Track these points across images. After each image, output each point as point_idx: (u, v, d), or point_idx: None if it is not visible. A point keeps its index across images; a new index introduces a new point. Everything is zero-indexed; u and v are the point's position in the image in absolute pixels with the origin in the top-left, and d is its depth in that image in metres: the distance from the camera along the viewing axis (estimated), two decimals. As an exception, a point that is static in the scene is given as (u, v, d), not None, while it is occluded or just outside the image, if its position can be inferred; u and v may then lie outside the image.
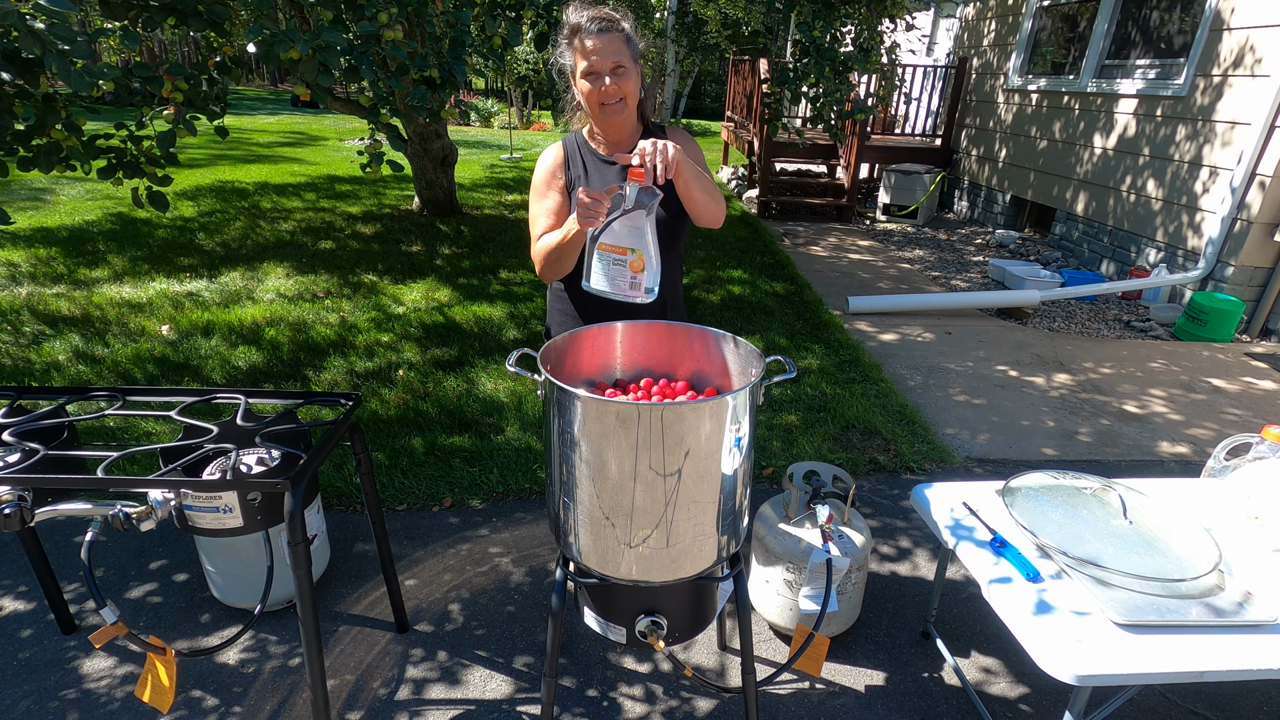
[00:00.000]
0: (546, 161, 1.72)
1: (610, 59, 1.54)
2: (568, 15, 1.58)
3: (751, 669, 1.57)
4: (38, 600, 2.10)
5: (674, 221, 1.68)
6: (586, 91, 1.58)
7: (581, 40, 1.55)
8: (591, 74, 1.56)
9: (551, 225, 1.66)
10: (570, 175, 1.70)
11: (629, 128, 1.69)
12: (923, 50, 9.84)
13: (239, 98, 22.43)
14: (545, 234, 1.66)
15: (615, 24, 1.56)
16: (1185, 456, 3.13)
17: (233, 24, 4.65)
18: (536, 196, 1.72)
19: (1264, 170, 4.40)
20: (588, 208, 1.40)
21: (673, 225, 1.68)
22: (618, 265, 1.46)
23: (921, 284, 5.57)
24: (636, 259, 1.44)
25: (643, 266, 1.44)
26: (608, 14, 1.56)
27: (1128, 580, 1.44)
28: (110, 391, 1.74)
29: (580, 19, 1.55)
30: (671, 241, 1.69)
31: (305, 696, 1.81)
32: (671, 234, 1.68)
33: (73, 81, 2.13)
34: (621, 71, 1.56)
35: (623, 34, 1.57)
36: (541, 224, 1.68)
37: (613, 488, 1.22)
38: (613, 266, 1.46)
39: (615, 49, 1.55)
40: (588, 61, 1.55)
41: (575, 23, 1.55)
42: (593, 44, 1.53)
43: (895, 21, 5.43)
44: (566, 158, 1.72)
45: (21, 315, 4.09)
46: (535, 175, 1.73)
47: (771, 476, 2.85)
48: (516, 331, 4.19)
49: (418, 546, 2.40)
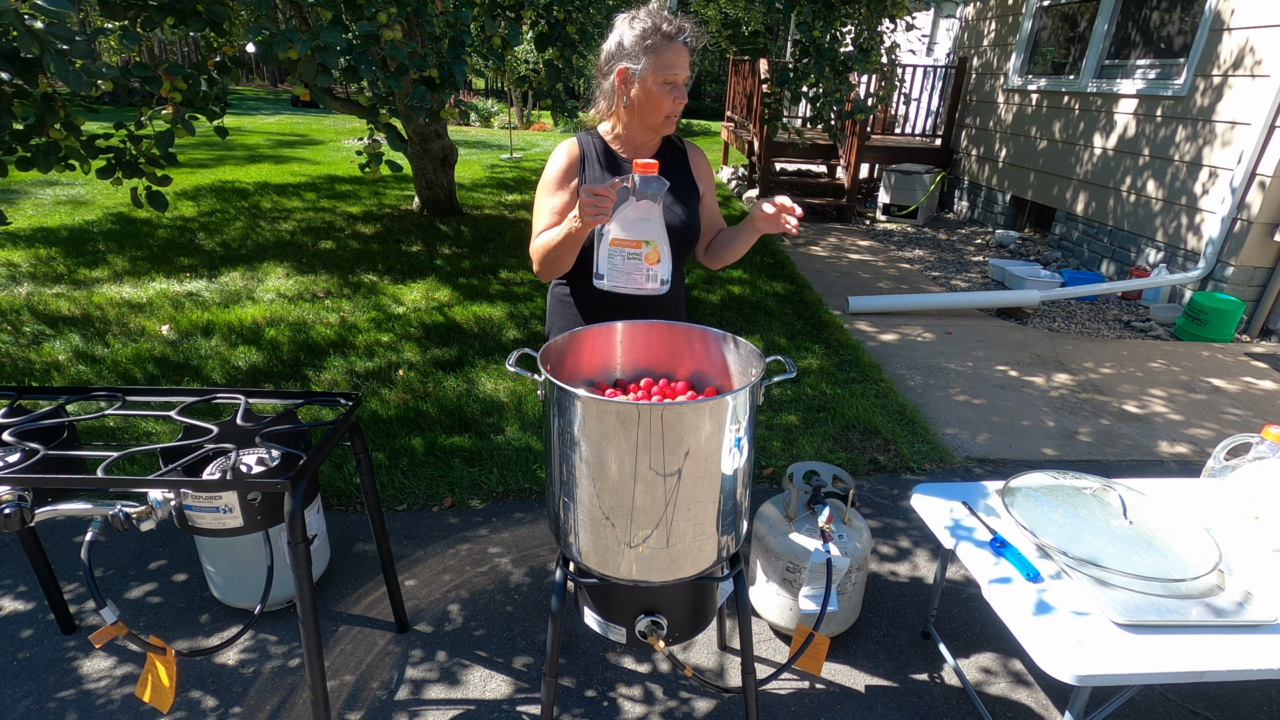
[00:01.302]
0: (560, 159, 1.67)
1: (688, 73, 1.58)
2: (653, 17, 1.56)
3: (751, 669, 1.57)
4: (38, 600, 2.10)
5: (689, 224, 1.68)
6: (657, 99, 1.57)
7: (671, 49, 1.54)
8: (670, 85, 1.56)
9: (554, 224, 1.64)
10: (585, 176, 1.66)
11: (659, 136, 1.72)
12: (923, 50, 9.84)
13: (239, 98, 22.43)
14: (546, 230, 1.63)
15: (698, 40, 1.60)
16: (1185, 456, 3.13)
17: (232, 24, 4.65)
18: (544, 193, 1.68)
19: (1264, 170, 4.40)
20: (594, 204, 1.37)
21: (687, 229, 1.67)
22: (632, 259, 1.45)
23: (921, 284, 5.57)
24: (652, 251, 1.44)
25: (658, 258, 1.45)
26: (697, 30, 1.59)
27: (1128, 580, 1.44)
28: (110, 391, 1.74)
29: (672, 28, 1.54)
30: (681, 249, 1.68)
31: (305, 696, 1.81)
32: (683, 242, 1.67)
33: (71, 81, 2.13)
34: (685, 88, 1.61)
35: (694, 52, 1.61)
36: (544, 221, 1.65)
37: (613, 488, 1.22)
38: (627, 261, 1.46)
39: (691, 63, 1.59)
40: (671, 71, 1.55)
41: (665, 29, 1.54)
42: (680, 57, 1.55)
43: (895, 21, 5.43)
44: (583, 157, 1.67)
45: (21, 315, 4.09)
46: (547, 170, 1.69)
47: (771, 476, 2.85)
48: (516, 331, 4.19)
49: (418, 546, 2.40)
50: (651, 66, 1.54)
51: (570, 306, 1.76)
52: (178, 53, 22.76)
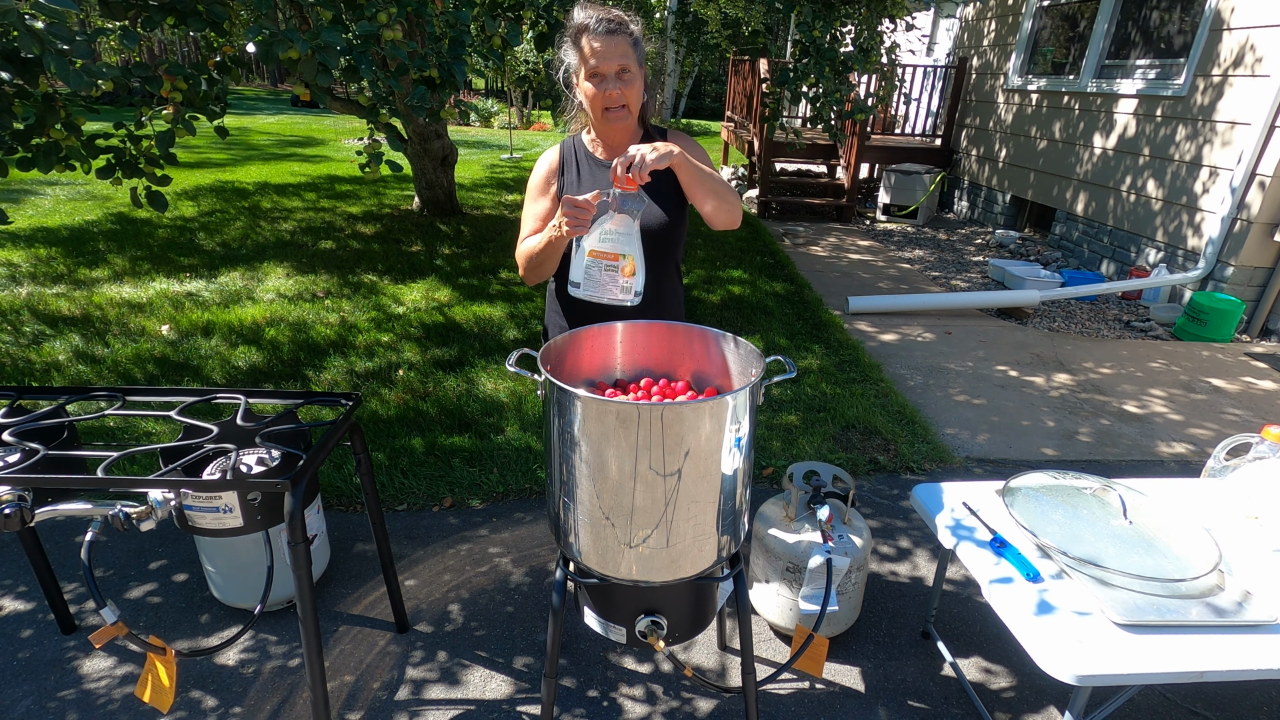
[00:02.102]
0: (542, 166, 1.71)
1: (616, 62, 1.51)
2: (574, 14, 1.54)
3: (751, 669, 1.57)
4: (38, 600, 2.10)
5: (672, 228, 1.66)
6: (590, 94, 1.55)
7: (588, 41, 1.50)
8: (595, 76, 1.52)
9: (538, 230, 1.66)
10: (564, 180, 1.69)
11: (630, 132, 1.67)
12: (923, 50, 9.84)
13: (239, 98, 22.44)
14: (530, 236, 1.66)
15: (623, 26, 1.52)
16: (1185, 456, 3.13)
17: (232, 24, 4.65)
18: (529, 199, 1.72)
19: (1264, 170, 4.40)
20: (574, 215, 1.40)
21: (670, 231, 1.66)
22: (609, 271, 1.47)
23: (921, 284, 5.57)
24: (628, 264, 1.45)
25: (634, 271, 1.45)
26: (616, 15, 1.51)
27: (1128, 580, 1.44)
28: (110, 391, 1.74)
29: (587, 19, 1.50)
30: (669, 247, 1.68)
31: (305, 696, 1.81)
32: (669, 240, 1.66)
33: (72, 81, 2.13)
34: (627, 76, 1.53)
35: (630, 37, 1.53)
36: (529, 227, 1.69)
37: (613, 488, 1.22)
38: (604, 272, 1.48)
39: (621, 52, 1.51)
40: (592, 63, 1.51)
41: (582, 22, 1.51)
42: (599, 45, 1.49)
43: (895, 21, 5.43)
44: (562, 162, 1.70)
45: (21, 315, 4.09)
46: (530, 178, 1.72)
47: (771, 476, 2.84)
48: (516, 331, 4.19)
49: (418, 546, 2.40)
50: (579, 62, 1.54)
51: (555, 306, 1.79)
52: (178, 53, 22.77)
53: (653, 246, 1.64)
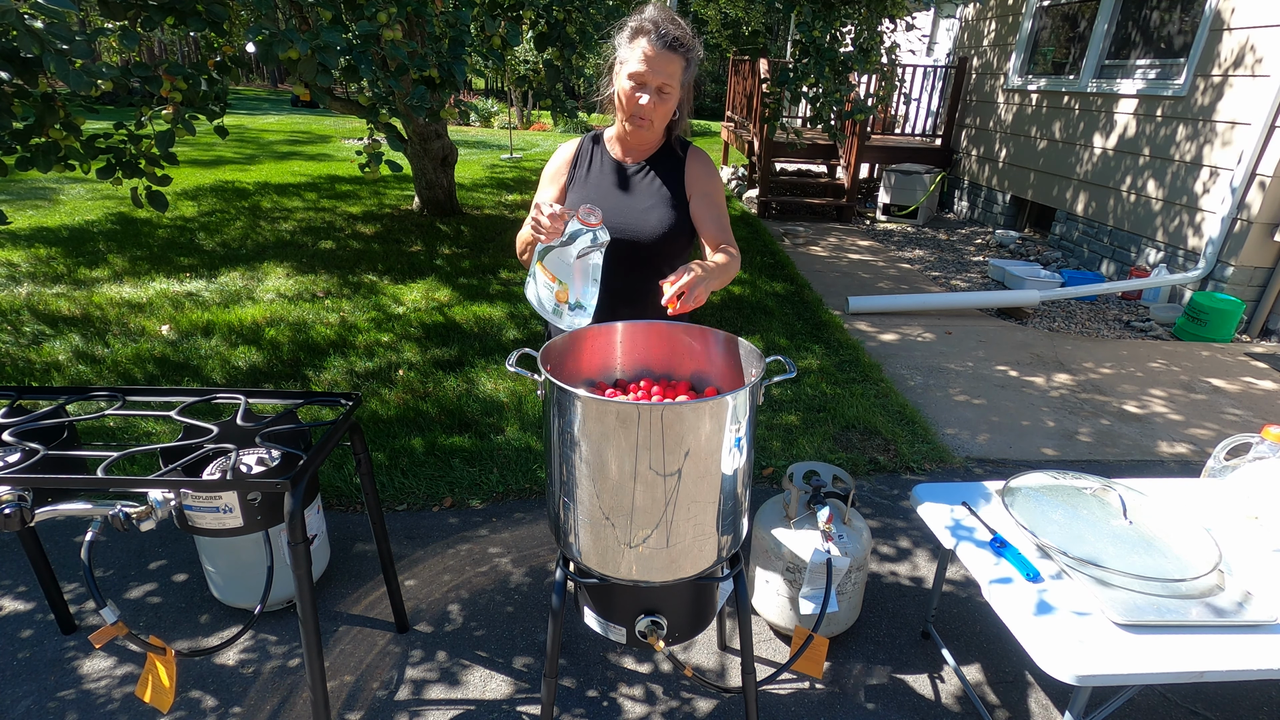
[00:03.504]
0: (559, 157, 1.73)
1: (660, 77, 1.50)
2: (645, 10, 1.52)
3: (751, 669, 1.57)
4: (38, 600, 2.10)
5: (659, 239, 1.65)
6: (625, 94, 1.55)
7: (644, 45, 1.49)
8: (637, 82, 1.52)
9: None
10: (574, 174, 1.71)
11: (650, 142, 1.68)
12: (923, 50, 9.84)
13: (239, 98, 22.44)
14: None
15: (682, 45, 1.50)
16: (1185, 456, 3.13)
17: (232, 24, 4.65)
18: (540, 186, 1.75)
19: (1264, 170, 4.40)
20: (540, 225, 1.40)
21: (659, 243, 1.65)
22: (546, 289, 1.47)
23: (921, 284, 5.57)
24: (562, 290, 1.44)
25: (566, 299, 1.44)
26: (681, 34, 1.50)
27: (1128, 580, 1.44)
28: (110, 391, 1.74)
29: (652, 24, 1.49)
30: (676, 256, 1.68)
31: (305, 696, 1.81)
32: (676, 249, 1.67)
33: (71, 81, 2.13)
34: (666, 92, 1.53)
35: (685, 57, 1.52)
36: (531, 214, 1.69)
37: (613, 488, 1.22)
38: (543, 290, 1.48)
39: (671, 70, 1.50)
40: (639, 69, 1.50)
41: (646, 25, 1.49)
42: (652, 55, 1.48)
43: (895, 21, 5.42)
44: (578, 155, 1.72)
45: (21, 315, 4.09)
46: (546, 165, 1.75)
47: (771, 476, 2.84)
48: (516, 331, 4.19)
49: (418, 546, 2.40)
50: (625, 61, 1.54)
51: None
52: (178, 53, 22.76)
53: (661, 254, 1.65)
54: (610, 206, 1.64)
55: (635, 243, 1.64)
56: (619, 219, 1.63)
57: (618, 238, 1.61)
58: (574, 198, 1.69)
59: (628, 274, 1.67)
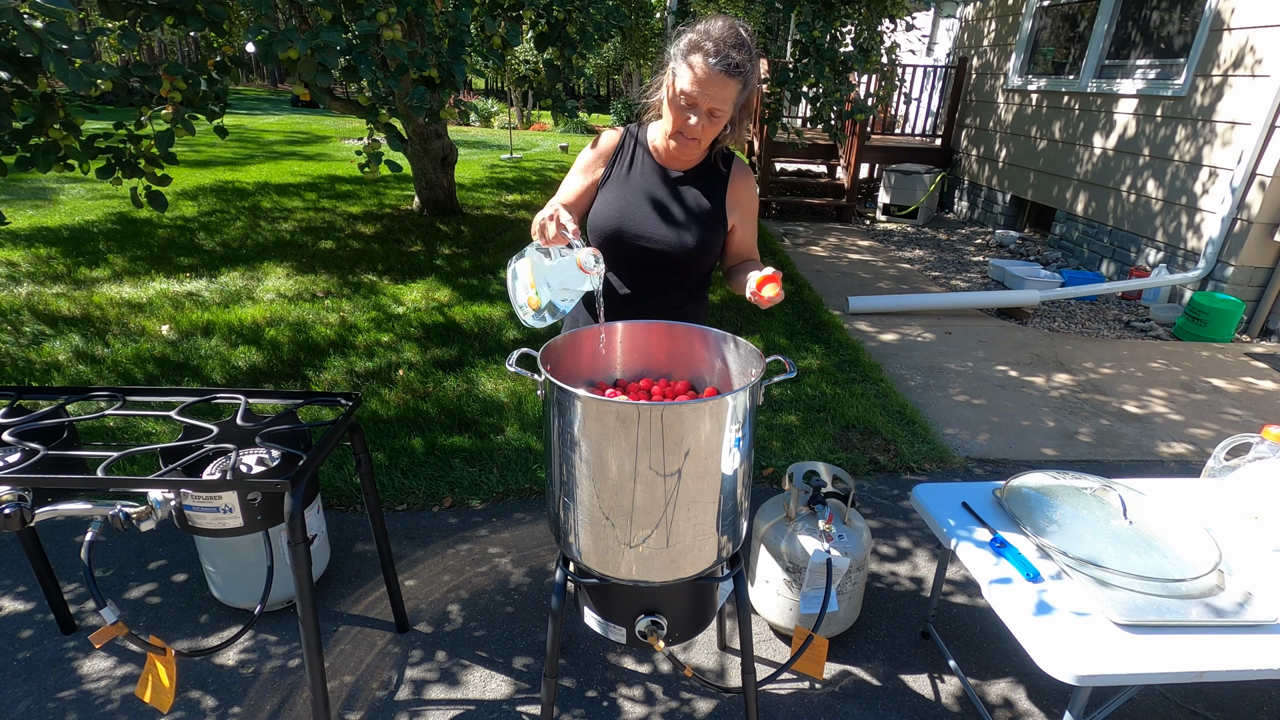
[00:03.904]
0: (600, 143, 1.67)
1: (711, 101, 1.43)
2: (709, 28, 1.42)
3: (751, 669, 1.57)
4: (38, 600, 2.10)
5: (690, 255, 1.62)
6: (674, 112, 1.49)
7: (698, 65, 1.40)
8: (687, 102, 1.45)
9: (565, 203, 1.64)
10: (613, 170, 1.65)
11: (695, 154, 1.61)
12: (923, 50, 9.84)
13: (239, 98, 22.44)
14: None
15: (739, 70, 1.41)
16: (1185, 456, 3.13)
17: (232, 24, 4.65)
18: (572, 170, 1.69)
19: (1264, 170, 4.40)
20: (544, 230, 1.35)
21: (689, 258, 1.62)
22: (522, 284, 1.43)
23: (921, 284, 5.57)
24: (534, 297, 1.40)
25: (537, 306, 1.41)
26: (737, 58, 1.40)
27: (1128, 580, 1.44)
28: (110, 391, 1.74)
29: (710, 45, 1.39)
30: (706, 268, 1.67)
31: (305, 697, 1.81)
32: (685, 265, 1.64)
33: (71, 81, 2.13)
34: (716, 116, 1.46)
35: (742, 80, 1.43)
36: (558, 198, 1.65)
37: (613, 488, 1.22)
38: (520, 279, 1.44)
39: (724, 96, 1.43)
40: (689, 90, 1.43)
41: (704, 44, 1.40)
42: (704, 78, 1.40)
43: (895, 21, 5.43)
44: (620, 148, 1.66)
45: (21, 315, 4.09)
46: (584, 151, 1.69)
47: (771, 476, 2.84)
48: (516, 331, 4.19)
49: (418, 546, 2.40)
50: (677, 75, 1.46)
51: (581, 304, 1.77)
52: (178, 53, 22.77)
53: (690, 268, 1.63)
54: (648, 215, 1.60)
55: (667, 254, 1.60)
56: (655, 229, 1.60)
57: (650, 248, 1.59)
58: (609, 197, 1.63)
59: (652, 282, 1.65)
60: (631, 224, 1.61)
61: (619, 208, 1.61)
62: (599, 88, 35.17)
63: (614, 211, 1.61)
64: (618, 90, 31.01)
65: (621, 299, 1.67)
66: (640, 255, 1.62)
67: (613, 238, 1.62)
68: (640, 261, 1.63)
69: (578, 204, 1.66)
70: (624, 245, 1.62)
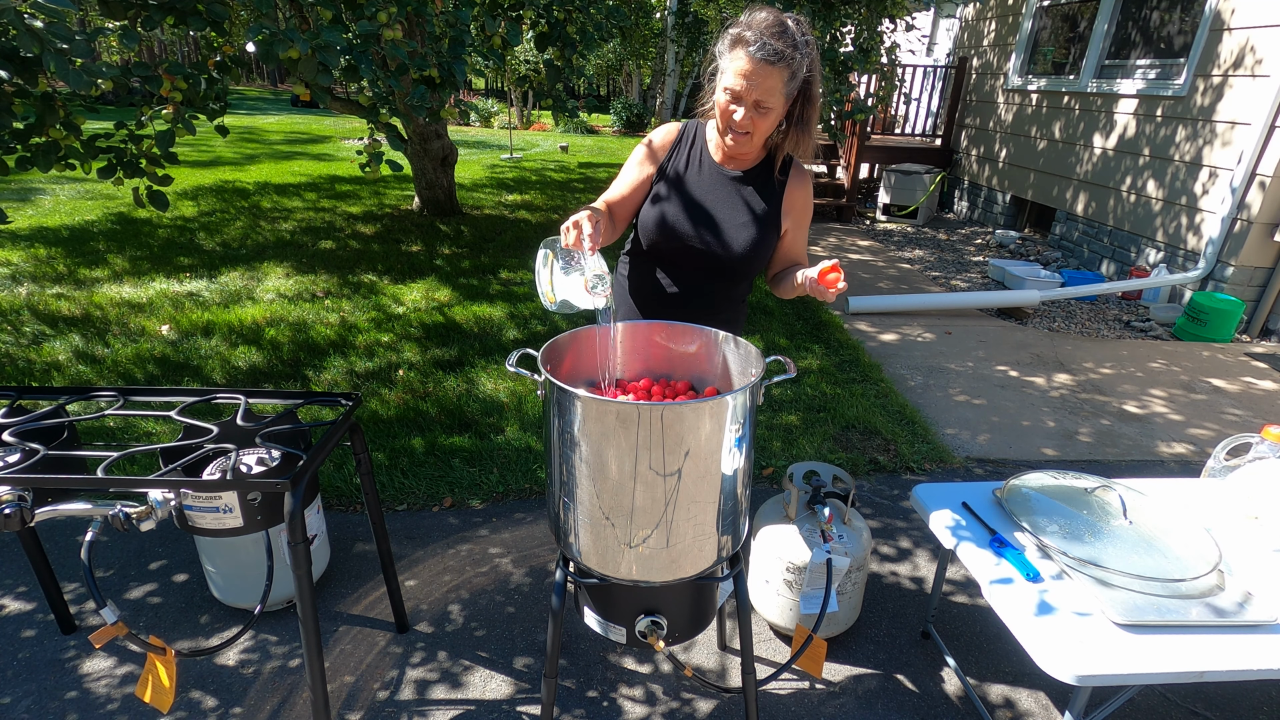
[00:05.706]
0: (658, 136, 1.65)
1: (757, 93, 1.40)
2: (753, 19, 1.41)
3: (751, 669, 1.57)
4: (38, 600, 2.10)
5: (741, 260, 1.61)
6: (721, 106, 1.47)
7: (742, 58, 1.39)
8: (732, 96, 1.43)
9: (619, 196, 1.62)
10: (669, 165, 1.62)
11: (751, 151, 1.59)
12: (923, 50, 9.84)
13: (240, 98, 22.44)
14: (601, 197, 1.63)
15: (784, 58, 1.38)
16: (1185, 456, 3.13)
17: (232, 23, 4.65)
18: (628, 162, 1.67)
19: (1264, 170, 4.40)
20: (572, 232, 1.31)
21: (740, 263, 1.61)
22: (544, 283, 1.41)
23: (921, 284, 5.57)
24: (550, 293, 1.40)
25: (553, 300, 1.41)
26: (783, 47, 1.37)
27: (1128, 580, 1.44)
28: (110, 391, 1.74)
29: (753, 36, 1.37)
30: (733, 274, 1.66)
31: (305, 697, 1.81)
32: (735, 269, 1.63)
33: (71, 80, 2.13)
34: (764, 108, 1.43)
35: (789, 69, 1.39)
36: (612, 191, 1.64)
37: (613, 488, 1.22)
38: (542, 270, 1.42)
39: (769, 85, 1.39)
40: (735, 84, 1.41)
41: (745, 35, 1.38)
42: (749, 70, 1.38)
43: (895, 22, 5.43)
44: (678, 141, 1.63)
45: (21, 315, 4.09)
46: (641, 143, 1.67)
47: (771, 476, 2.84)
48: (516, 331, 4.19)
49: (418, 546, 2.40)
50: (723, 71, 1.45)
51: (622, 282, 1.77)
52: (178, 52, 22.77)
53: (740, 271, 1.63)
54: (700, 214, 1.59)
55: (719, 256, 1.60)
56: (709, 231, 1.59)
57: (701, 249, 1.59)
58: (661, 193, 1.60)
59: (702, 283, 1.64)
60: (681, 222, 1.59)
61: (670, 205, 1.60)
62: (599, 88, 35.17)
63: (665, 209, 1.60)
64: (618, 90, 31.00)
65: (669, 296, 1.67)
66: (689, 254, 1.61)
67: (662, 235, 1.60)
68: (688, 261, 1.62)
69: (630, 199, 1.63)
70: (673, 243, 1.60)
